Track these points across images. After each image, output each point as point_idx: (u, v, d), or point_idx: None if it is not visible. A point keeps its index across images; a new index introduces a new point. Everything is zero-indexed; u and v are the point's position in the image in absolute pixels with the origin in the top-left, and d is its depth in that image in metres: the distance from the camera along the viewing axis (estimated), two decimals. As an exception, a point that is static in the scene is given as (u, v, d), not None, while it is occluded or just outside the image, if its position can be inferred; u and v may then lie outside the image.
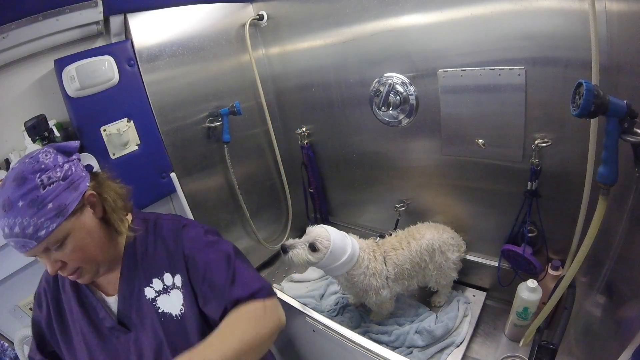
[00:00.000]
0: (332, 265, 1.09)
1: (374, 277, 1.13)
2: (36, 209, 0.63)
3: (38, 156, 0.68)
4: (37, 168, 0.66)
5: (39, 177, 0.65)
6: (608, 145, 0.68)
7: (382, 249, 1.20)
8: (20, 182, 0.64)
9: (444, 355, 1.14)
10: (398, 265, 1.17)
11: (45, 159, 0.68)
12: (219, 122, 1.45)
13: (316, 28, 1.40)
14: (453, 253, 1.22)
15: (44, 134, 1.04)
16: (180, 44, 1.32)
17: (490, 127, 1.10)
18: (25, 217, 0.62)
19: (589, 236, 0.77)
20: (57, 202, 0.65)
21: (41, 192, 0.64)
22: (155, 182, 1.32)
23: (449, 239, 1.23)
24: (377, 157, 1.48)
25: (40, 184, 0.65)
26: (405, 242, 1.20)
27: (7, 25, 0.97)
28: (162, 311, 0.78)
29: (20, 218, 0.62)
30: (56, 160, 0.69)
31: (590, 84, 0.64)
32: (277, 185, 1.80)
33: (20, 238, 0.63)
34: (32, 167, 0.66)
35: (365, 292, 1.15)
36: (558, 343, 0.84)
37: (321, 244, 1.07)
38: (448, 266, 1.21)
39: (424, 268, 1.21)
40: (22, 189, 0.63)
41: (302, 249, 1.07)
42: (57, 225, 0.65)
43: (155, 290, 0.78)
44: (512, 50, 0.98)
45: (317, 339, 1.08)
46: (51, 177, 0.66)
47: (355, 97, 1.40)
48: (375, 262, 1.15)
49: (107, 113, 1.17)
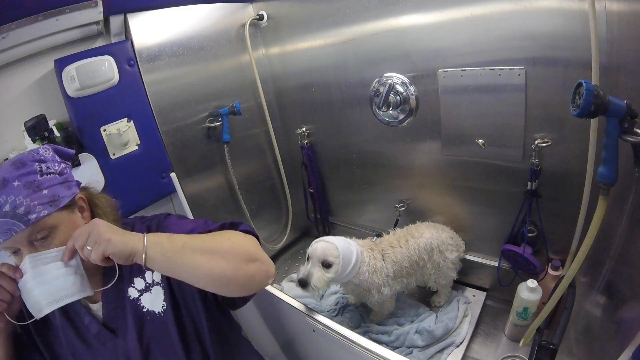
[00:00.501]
0: (346, 270, 1.08)
1: (375, 275, 1.14)
2: (31, 190, 0.63)
3: (38, 150, 0.69)
4: (37, 158, 0.67)
5: (38, 165, 0.66)
6: (608, 145, 0.68)
7: (379, 247, 1.20)
8: (18, 165, 0.64)
9: (444, 355, 1.14)
10: (396, 263, 1.17)
11: (45, 153, 0.69)
12: (219, 122, 1.45)
13: (316, 28, 1.40)
14: (452, 253, 1.23)
15: (44, 134, 1.03)
16: (180, 44, 1.32)
17: (490, 127, 1.10)
18: (18, 197, 0.61)
19: (589, 236, 0.77)
20: (52, 191, 0.65)
21: (38, 178, 0.64)
22: (155, 182, 1.32)
23: (448, 239, 1.24)
24: (377, 157, 1.48)
25: (39, 170, 0.65)
26: (403, 240, 1.21)
27: (7, 25, 0.97)
28: (146, 310, 0.77)
29: (13, 197, 0.61)
30: (54, 157, 0.70)
31: (590, 84, 0.64)
32: (277, 185, 1.80)
33: (9, 219, 0.60)
34: (32, 156, 0.66)
35: (368, 291, 1.15)
36: (558, 343, 0.84)
37: (332, 256, 1.06)
38: (447, 266, 1.22)
39: (422, 267, 1.21)
40: (19, 171, 0.63)
41: (318, 272, 1.05)
42: (48, 213, 0.64)
43: (137, 289, 0.78)
44: (512, 50, 0.98)
45: (317, 339, 1.08)
46: (50, 167, 0.67)
47: (355, 97, 1.40)
48: (374, 260, 1.16)
49: (107, 113, 1.17)
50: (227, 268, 0.67)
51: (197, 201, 1.43)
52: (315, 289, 1.04)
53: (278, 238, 1.82)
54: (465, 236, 1.32)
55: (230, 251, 0.69)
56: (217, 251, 0.68)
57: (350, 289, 1.20)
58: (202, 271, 0.66)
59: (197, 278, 0.68)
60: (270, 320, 1.35)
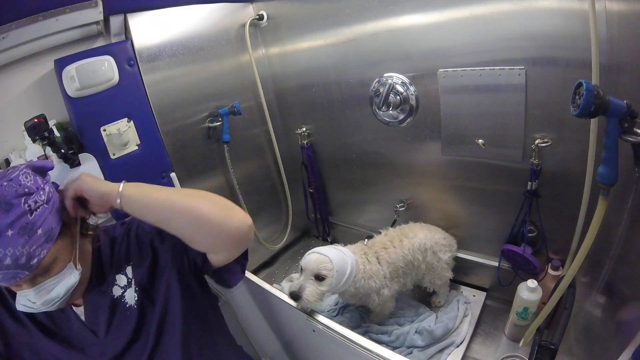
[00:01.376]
0: (341, 282, 1.06)
1: (372, 279, 1.13)
2: (27, 236, 0.58)
3: (18, 179, 0.61)
4: (21, 192, 0.60)
5: (25, 202, 0.60)
6: (608, 145, 0.68)
7: (372, 249, 1.20)
8: (6, 209, 0.57)
9: (444, 355, 1.14)
10: (391, 264, 1.17)
11: (27, 182, 0.62)
12: (219, 122, 1.45)
13: (316, 28, 1.40)
14: (445, 253, 1.24)
15: (44, 134, 1.03)
16: (180, 44, 1.32)
17: (490, 127, 1.10)
18: (17, 247, 0.57)
19: (589, 236, 0.77)
20: (45, 226, 0.61)
21: (30, 218, 0.59)
22: (156, 182, 1.30)
23: (441, 239, 1.25)
24: (377, 157, 1.48)
25: (28, 209, 0.59)
26: (397, 240, 1.20)
27: (7, 25, 0.97)
28: (129, 305, 0.77)
29: (11, 249, 0.57)
30: (37, 182, 0.64)
31: (590, 84, 0.64)
32: (277, 185, 1.80)
33: (12, 270, 0.58)
34: (15, 190, 0.59)
35: (368, 295, 1.15)
36: (558, 343, 0.84)
37: (325, 269, 1.03)
38: (441, 266, 1.23)
39: (417, 267, 1.21)
40: (8, 216, 0.57)
41: (311, 285, 1.02)
42: (47, 251, 0.61)
43: (120, 286, 0.77)
44: (512, 50, 0.98)
45: (317, 339, 1.08)
46: (37, 201, 0.62)
47: (355, 97, 1.40)
48: (369, 265, 1.15)
49: (107, 113, 1.17)
50: (204, 205, 0.67)
51: (197, 201, 1.43)
52: (307, 302, 1.01)
53: (278, 238, 1.82)
54: (465, 236, 1.32)
55: (207, 195, 0.70)
56: (194, 194, 0.69)
57: (349, 296, 1.19)
58: (179, 208, 0.67)
59: (173, 218, 0.68)
60: (270, 320, 1.35)
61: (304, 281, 1.04)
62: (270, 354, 1.45)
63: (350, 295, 1.17)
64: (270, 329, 1.38)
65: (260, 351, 1.65)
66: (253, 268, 1.73)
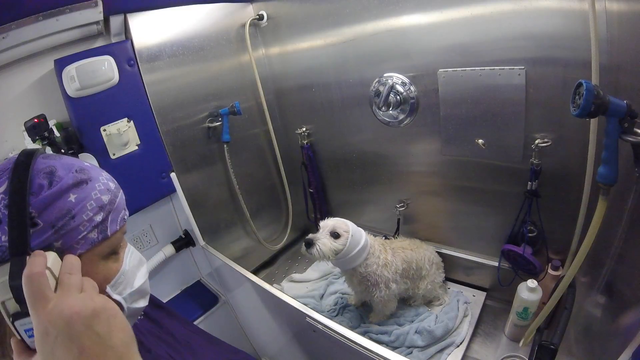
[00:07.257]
0: (352, 252, 1.10)
1: (385, 268, 1.16)
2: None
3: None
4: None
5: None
6: (608, 145, 0.68)
7: (390, 245, 1.24)
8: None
9: (444, 355, 1.14)
10: (407, 262, 1.22)
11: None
12: (219, 122, 1.45)
13: (316, 28, 1.40)
14: (440, 275, 1.33)
15: (44, 134, 1.04)
16: (180, 44, 1.32)
17: (490, 127, 1.10)
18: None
19: (589, 236, 0.77)
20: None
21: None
22: (155, 182, 1.32)
23: (439, 262, 1.34)
24: (377, 157, 1.48)
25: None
26: (413, 246, 1.28)
27: (7, 25, 0.96)
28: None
29: None
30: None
31: (590, 84, 0.64)
32: (277, 185, 1.80)
33: None
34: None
35: (376, 284, 1.16)
36: (558, 343, 0.84)
37: (341, 229, 1.10)
38: (434, 286, 1.30)
39: (424, 277, 1.27)
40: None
41: (325, 238, 1.08)
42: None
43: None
44: (512, 50, 0.98)
45: (317, 339, 1.08)
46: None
47: (355, 97, 1.40)
48: (385, 254, 1.19)
49: (107, 113, 1.18)
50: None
51: (197, 201, 1.43)
52: (319, 252, 1.06)
53: (278, 238, 1.82)
54: (465, 236, 1.33)
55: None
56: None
57: (357, 282, 1.19)
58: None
59: None
60: (270, 320, 1.35)
61: (320, 235, 1.09)
62: (270, 354, 1.45)
63: (358, 281, 1.18)
64: (270, 329, 1.38)
65: (260, 351, 1.65)
66: (253, 268, 1.73)
